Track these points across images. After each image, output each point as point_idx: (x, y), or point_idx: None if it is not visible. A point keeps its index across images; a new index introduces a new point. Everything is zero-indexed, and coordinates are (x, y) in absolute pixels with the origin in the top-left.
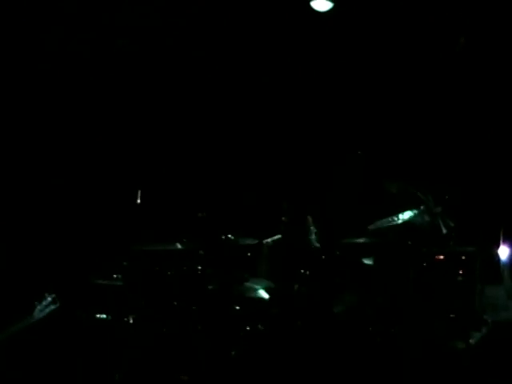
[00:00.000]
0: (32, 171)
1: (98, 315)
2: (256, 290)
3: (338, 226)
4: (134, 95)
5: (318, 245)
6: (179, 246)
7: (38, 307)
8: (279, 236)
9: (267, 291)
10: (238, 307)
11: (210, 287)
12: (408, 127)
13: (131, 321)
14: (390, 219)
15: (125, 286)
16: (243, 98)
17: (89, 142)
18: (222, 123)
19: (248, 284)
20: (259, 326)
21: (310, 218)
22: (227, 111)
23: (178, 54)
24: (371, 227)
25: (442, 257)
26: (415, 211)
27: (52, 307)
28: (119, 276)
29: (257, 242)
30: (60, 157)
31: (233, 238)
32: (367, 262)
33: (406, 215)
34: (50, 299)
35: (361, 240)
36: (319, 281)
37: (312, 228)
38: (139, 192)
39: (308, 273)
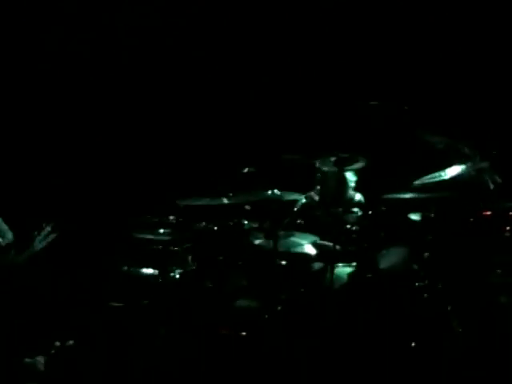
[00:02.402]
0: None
1: (143, 270)
2: (302, 245)
3: (383, 181)
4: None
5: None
6: (225, 200)
7: (38, 238)
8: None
9: (313, 246)
10: (283, 262)
11: (255, 242)
12: (453, 78)
13: (177, 276)
14: (436, 174)
15: (171, 240)
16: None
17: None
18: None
19: (294, 239)
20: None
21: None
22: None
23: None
24: (417, 182)
25: (488, 213)
26: (462, 166)
27: (52, 236)
28: (166, 230)
29: (303, 196)
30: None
31: (279, 192)
32: (414, 217)
33: (453, 170)
34: (48, 228)
35: (407, 195)
36: (363, 237)
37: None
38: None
39: (354, 228)
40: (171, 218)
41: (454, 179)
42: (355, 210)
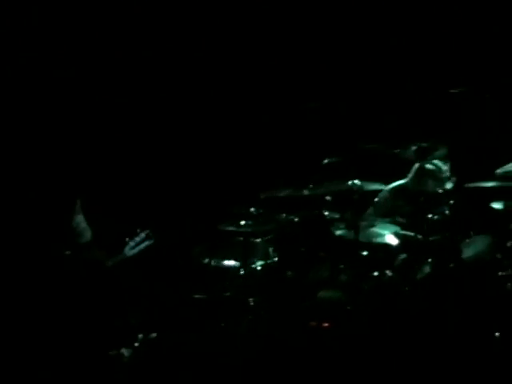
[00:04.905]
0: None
1: (225, 261)
2: (383, 235)
3: (465, 170)
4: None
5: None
6: (306, 192)
7: (130, 243)
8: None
9: (395, 236)
10: (365, 253)
11: (337, 233)
12: None
13: (259, 267)
14: None
15: (252, 232)
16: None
17: None
18: None
19: (375, 229)
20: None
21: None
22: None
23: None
24: (499, 171)
25: None
26: None
27: (146, 243)
28: (248, 222)
29: (384, 186)
30: None
31: (359, 183)
32: (496, 206)
33: None
34: (143, 235)
35: (489, 184)
36: (447, 226)
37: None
38: None
39: (436, 218)
40: (252, 209)
41: None
42: (436, 199)
